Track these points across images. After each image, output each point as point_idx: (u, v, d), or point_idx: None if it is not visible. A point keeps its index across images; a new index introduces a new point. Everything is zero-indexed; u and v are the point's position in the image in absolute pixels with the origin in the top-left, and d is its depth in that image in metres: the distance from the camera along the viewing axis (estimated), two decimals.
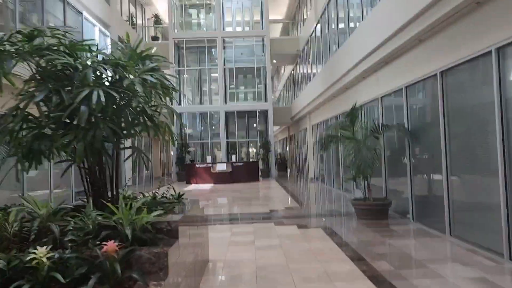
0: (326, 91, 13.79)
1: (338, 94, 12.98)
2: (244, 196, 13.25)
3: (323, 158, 16.26)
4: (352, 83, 11.16)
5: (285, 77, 31.60)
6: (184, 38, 22.48)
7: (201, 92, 24.07)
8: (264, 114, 23.02)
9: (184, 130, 22.52)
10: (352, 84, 11.26)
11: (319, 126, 17.37)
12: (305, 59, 20.88)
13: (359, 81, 10.67)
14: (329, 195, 12.99)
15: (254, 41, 23.31)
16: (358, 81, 10.71)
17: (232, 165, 19.35)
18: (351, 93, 11.66)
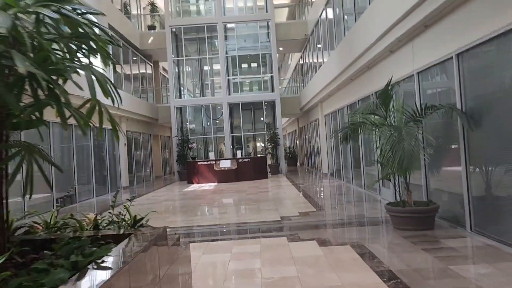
0: (342, 74, 11.92)
1: (357, 76, 11.11)
2: (250, 198, 11.49)
3: (339, 150, 14.42)
4: (375, 61, 9.29)
5: (293, 65, 29.68)
6: (182, 26, 20.66)
7: (203, 84, 22.29)
8: (271, 105, 21.18)
9: (186, 125, 20.81)
10: (375, 62, 9.39)
11: (333, 116, 15.50)
12: (314, 44, 18.96)
13: (385, 57, 8.80)
14: (349, 195, 11.16)
15: (258, 27, 21.42)
16: (383, 57, 8.84)
17: (238, 161, 17.60)
18: (374, 73, 9.79)
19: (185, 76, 22.01)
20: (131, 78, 19.49)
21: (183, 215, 9.17)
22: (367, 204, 9.18)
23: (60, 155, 12.28)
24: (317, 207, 9.03)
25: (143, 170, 20.33)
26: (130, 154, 18.60)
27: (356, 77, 11.28)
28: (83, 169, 13.71)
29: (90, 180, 14.07)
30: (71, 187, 10.71)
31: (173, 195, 13.83)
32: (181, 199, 12.57)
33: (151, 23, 23.24)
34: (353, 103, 12.12)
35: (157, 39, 21.72)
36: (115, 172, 16.72)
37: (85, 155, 13.95)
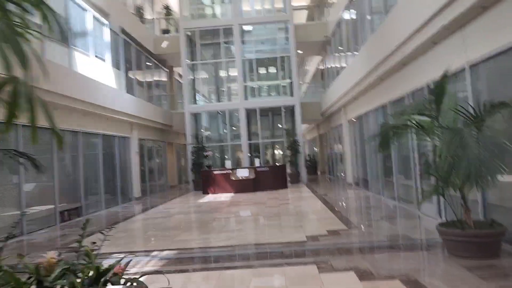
0: (370, 74, 10.77)
1: (388, 75, 9.95)
2: (270, 212, 10.38)
3: (366, 158, 13.21)
4: (412, 56, 8.12)
5: (312, 69, 28.57)
6: (197, 28, 19.84)
7: (218, 89, 21.37)
8: (290, 111, 20.09)
9: (201, 132, 19.88)
10: (412, 57, 8.22)
11: (359, 120, 14.31)
12: (336, 45, 17.86)
13: (425, 50, 7.63)
14: (381, 209, 9.95)
15: (276, 29, 20.43)
16: (423, 50, 7.68)
17: (256, 170, 16.53)
18: (410, 70, 8.62)
19: (200, 81, 21.14)
20: (144, 83, 18.71)
21: (194, 232, 8.14)
22: (406, 221, 7.97)
23: (64, 164, 11.43)
24: (347, 224, 7.86)
25: (157, 179, 19.44)
26: (143, 162, 17.74)
27: (387, 77, 10.12)
28: (91, 179, 12.85)
29: (99, 191, 13.19)
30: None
31: (186, 207, 12.83)
32: (195, 212, 11.56)
33: (166, 27, 22.52)
34: (383, 106, 10.94)
35: (172, 43, 20.95)
36: (127, 182, 15.85)
37: (93, 164, 13.10)
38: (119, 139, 15.21)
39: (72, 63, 11.86)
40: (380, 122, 11.59)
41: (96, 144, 13.24)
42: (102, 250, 6.52)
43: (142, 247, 7.00)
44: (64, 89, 10.48)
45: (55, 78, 10.09)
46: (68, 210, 11.24)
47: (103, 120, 13.66)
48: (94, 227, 9.56)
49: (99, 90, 12.79)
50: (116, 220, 10.75)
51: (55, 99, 10.12)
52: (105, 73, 14.18)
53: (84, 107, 11.76)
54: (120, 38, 15.95)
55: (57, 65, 10.41)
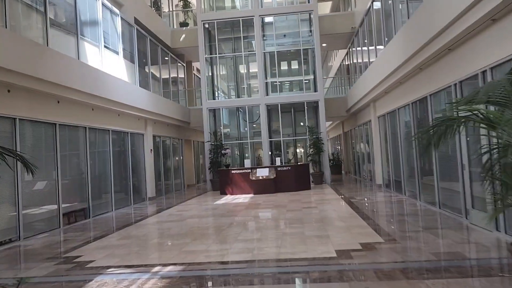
0: (407, 63, 9.51)
1: (430, 63, 8.68)
2: (292, 217, 9.29)
3: (399, 158, 11.95)
4: (463, 38, 6.87)
5: (336, 64, 27.25)
6: (215, 20, 18.86)
7: (238, 84, 20.34)
8: (313, 107, 18.91)
9: (220, 129, 18.91)
10: (463, 39, 6.97)
11: (390, 116, 13.04)
12: (364, 37, 16.57)
13: (481, 30, 6.38)
14: (420, 216, 8.72)
15: (299, 20, 19.26)
16: (477, 31, 6.43)
17: (276, 169, 15.44)
18: (460, 56, 7.37)
19: (219, 75, 20.16)
20: (160, 78, 17.87)
21: (206, 241, 7.12)
22: (455, 233, 6.73)
23: (69, 161, 10.61)
24: (384, 236, 6.69)
25: (173, 178, 18.58)
26: (158, 160, 16.89)
27: (428, 65, 8.86)
28: (100, 178, 12.02)
29: (109, 191, 12.36)
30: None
31: (201, 209, 11.86)
32: (209, 215, 10.57)
33: (184, 20, 21.64)
34: (421, 99, 9.67)
35: (190, 36, 20.08)
36: (140, 181, 15.01)
37: (102, 162, 12.27)
38: (132, 136, 14.37)
39: (80, 53, 11.04)
40: (417, 117, 10.34)
41: (106, 140, 12.40)
42: (97, 264, 5.54)
43: (144, 259, 6.02)
44: (69, 80, 9.64)
45: (58, 69, 9.27)
46: (73, 211, 10.42)
47: (113, 115, 12.82)
48: (97, 232, 8.68)
49: (109, 83, 11.94)
50: (123, 223, 9.86)
51: (58, 91, 9.29)
52: (117, 66, 13.34)
53: (92, 101, 10.91)
54: (134, 30, 15.10)
55: (61, 54, 9.57)
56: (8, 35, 7.75)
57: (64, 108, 9.99)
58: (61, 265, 5.90)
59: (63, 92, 9.49)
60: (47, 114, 9.33)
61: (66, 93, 9.61)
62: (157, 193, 16.30)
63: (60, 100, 9.77)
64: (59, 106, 9.79)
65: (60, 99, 9.75)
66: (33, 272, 5.60)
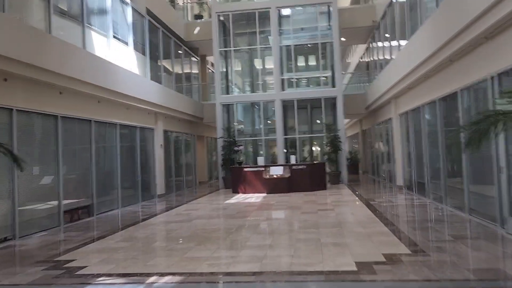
0: (436, 55, 8.69)
1: (463, 54, 7.85)
2: (307, 220, 8.60)
3: (422, 157, 11.12)
4: (502, 25, 6.07)
5: (355, 60, 26.32)
6: (230, 12, 18.20)
7: (253, 79, 19.66)
8: (331, 103, 18.11)
9: (233, 125, 18.28)
10: (502, 28, 6.16)
11: (412, 114, 12.20)
12: (385, 31, 15.71)
13: None
14: (448, 223, 7.94)
15: (317, 13, 18.47)
16: None
17: (291, 168, 14.74)
18: (498, 45, 6.55)
19: (233, 70, 19.51)
20: (173, 72, 17.33)
21: (211, 246, 6.49)
22: (491, 244, 5.95)
23: (73, 156, 10.11)
24: (410, 246, 5.95)
25: (184, 175, 18.05)
26: (169, 156, 16.37)
27: (460, 57, 8.03)
28: (106, 174, 11.53)
29: (115, 187, 11.86)
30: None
31: (210, 209, 11.25)
32: (218, 216, 9.95)
33: (198, 13, 21.06)
34: (450, 95, 8.85)
35: (204, 29, 19.48)
36: (149, 178, 14.50)
37: (109, 157, 11.78)
38: (141, 131, 13.86)
39: (87, 43, 10.53)
40: (444, 115, 9.51)
41: (113, 134, 11.90)
42: (89, 271, 4.96)
43: (140, 267, 5.43)
44: (73, 70, 9.12)
45: (61, 58, 8.76)
46: (76, 208, 9.93)
47: (121, 108, 12.30)
48: (97, 232, 8.14)
49: (117, 74, 11.42)
50: (127, 223, 9.32)
51: (60, 81, 8.78)
52: (126, 57, 12.82)
53: (98, 93, 10.39)
54: (146, 21, 14.56)
55: (64, 43, 9.05)
56: (5, 20, 7.24)
57: (67, 100, 9.48)
58: (49, 271, 5.35)
59: (65, 83, 8.98)
60: (48, 105, 8.82)
61: (69, 84, 9.10)
62: (168, 190, 15.79)
63: (63, 91, 9.27)
64: (61, 97, 9.28)
65: (63, 90, 9.24)
66: (16, 279, 5.06)
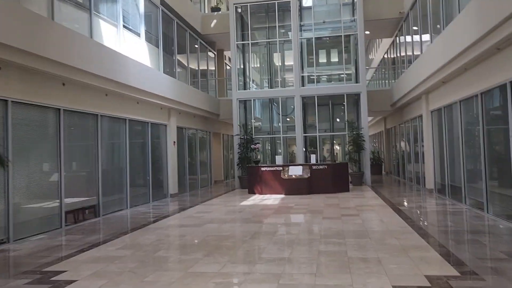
0: (480, 43, 7.63)
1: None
2: (330, 228, 7.69)
3: (460, 159, 10.05)
4: None
5: (379, 56, 25.13)
6: (249, 3, 17.34)
7: (272, 74, 18.77)
8: (354, 100, 17.10)
9: (251, 122, 17.44)
10: None
11: (448, 111, 11.12)
12: (416, 22, 14.61)
13: None
14: (496, 236, 6.90)
15: (340, 4, 17.45)
16: None
17: (311, 168, 13.81)
18: None
19: (251, 64, 18.64)
20: (187, 66, 16.58)
21: (221, 258, 5.65)
22: None
23: (77, 152, 9.43)
24: (457, 265, 4.98)
25: (199, 173, 17.32)
26: (183, 154, 15.65)
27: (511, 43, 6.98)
28: (113, 172, 10.84)
29: (124, 186, 11.16)
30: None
31: (224, 211, 10.43)
32: (232, 220, 9.11)
33: (216, 5, 20.27)
34: (495, 88, 7.78)
35: (221, 22, 18.66)
36: (161, 176, 13.79)
37: (117, 154, 11.10)
38: (153, 126, 13.15)
39: (94, 32, 9.83)
40: (487, 111, 8.45)
41: (122, 130, 11.20)
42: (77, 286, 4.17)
43: (135, 283, 4.63)
44: (77, 60, 8.42)
45: (64, 46, 8.06)
46: (80, 209, 9.26)
47: (131, 102, 11.60)
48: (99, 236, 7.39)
49: (127, 66, 10.71)
50: (133, 225, 8.58)
51: (63, 71, 8.08)
52: (138, 49, 12.12)
53: (105, 85, 9.68)
54: (159, 11, 13.84)
55: (68, 30, 8.36)
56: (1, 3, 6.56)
57: (70, 92, 8.79)
58: (33, 285, 4.61)
59: (69, 73, 8.28)
60: (49, 97, 8.13)
61: (72, 75, 8.40)
62: (181, 190, 15.07)
63: (66, 82, 8.58)
64: (64, 89, 8.59)
65: (66, 81, 8.55)
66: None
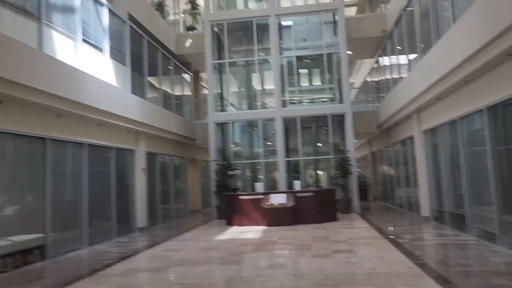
0: (484, 51, 6.65)
1: None
2: (321, 270, 6.37)
3: (464, 182, 8.96)
4: None
5: (361, 76, 24.48)
6: (225, 20, 16.37)
7: (251, 95, 17.68)
8: (338, 121, 16.08)
9: (230, 147, 16.16)
10: None
11: (444, 130, 10.12)
12: (399, 42, 13.90)
13: None
14: None
15: (322, 22, 16.66)
16: None
17: (295, 196, 12.54)
18: None
19: (229, 85, 17.52)
20: (160, 87, 15.33)
21: None
22: None
23: (17, 181, 7.92)
24: None
25: (173, 202, 15.82)
26: (154, 182, 14.18)
27: None
28: (67, 204, 9.32)
29: (80, 221, 9.62)
30: None
31: (196, 249, 8.97)
32: (205, 261, 7.67)
33: (191, 24, 19.28)
34: (504, 102, 6.78)
35: (197, 42, 17.62)
36: (128, 208, 12.28)
37: (73, 183, 9.60)
38: (118, 152, 11.73)
39: (44, 43, 8.53)
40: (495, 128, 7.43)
41: (79, 156, 9.75)
42: None
43: None
44: (17, 73, 7.08)
45: (3, 57, 6.73)
46: (20, 251, 7.69)
47: (91, 125, 10.21)
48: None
49: (85, 84, 9.39)
50: (80, 272, 7.06)
51: (2, 87, 6.72)
52: (101, 66, 10.84)
53: (57, 104, 8.28)
54: (127, 27, 12.67)
55: (9, 38, 7.05)
56: None
57: (9, 111, 7.39)
58: None
59: (7, 89, 6.92)
60: None
61: (12, 91, 7.03)
62: (152, 222, 13.52)
63: (5, 99, 7.19)
64: (2, 107, 7.20)
65: (4, 98, 7.17)
66: None
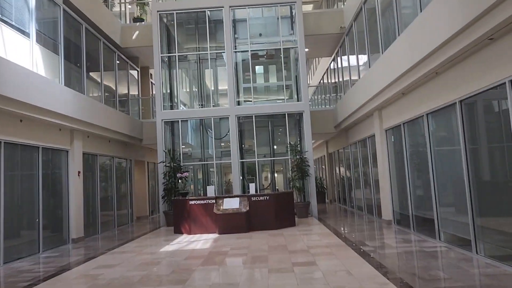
0: (463, 35, 5.96)
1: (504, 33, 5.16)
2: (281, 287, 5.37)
3: (432, 183, 8.32)
4: None
5: (317, 77, 23.97)
6: (175, 10, 15.11)
7: (202, 92, 16.50)
8: (296, 120, 15.29)
9: (180, 148, 14.88)
10: None
11: (409, 127, 9.49)
12: (356, 40, 13.33)
13: None
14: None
15: (278, 17, 15.81)
16: None
17: (250, 200, 11.52)
18: None
19: (179, 81, 16.24)
20: (101, 81, 13.79)
21: None
22: None
23: None
24: None
25: (115, 209, 14.30)
26: (92, 187, 12.64)
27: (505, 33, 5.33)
28: None
29: None
30: None
31: (136, 264, 7.69)
32: (141, 281, 6.42)
33: (138, 15, 17.81)
34: (482, 94, 6.13)
35: (145, 34, 16.23)
36: (59, 216, 10.71)
37: None
38: (47, 152, 10.17)
39: None
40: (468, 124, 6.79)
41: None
42: None
43: None
44: None
45: None
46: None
47: (12, 120, 8.65)
48: None
49: (3, 71, 7.85)
50: None
51: None
52: (24, 52, 9.29)
53: None
54: (61, 11, 11.12)
55: None
56: None
57: None
58: None
59: None
60: None
61: None
62: (89, 231, 11.99)
63: None
64: None
65: None
66: None
